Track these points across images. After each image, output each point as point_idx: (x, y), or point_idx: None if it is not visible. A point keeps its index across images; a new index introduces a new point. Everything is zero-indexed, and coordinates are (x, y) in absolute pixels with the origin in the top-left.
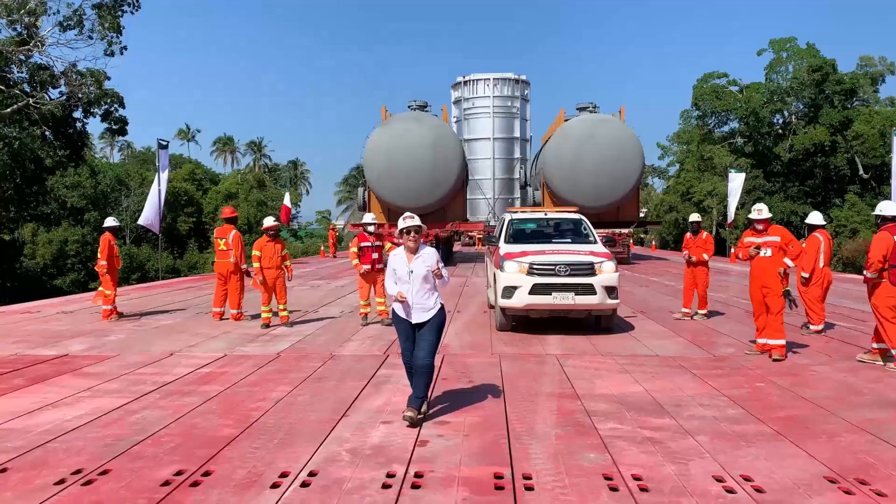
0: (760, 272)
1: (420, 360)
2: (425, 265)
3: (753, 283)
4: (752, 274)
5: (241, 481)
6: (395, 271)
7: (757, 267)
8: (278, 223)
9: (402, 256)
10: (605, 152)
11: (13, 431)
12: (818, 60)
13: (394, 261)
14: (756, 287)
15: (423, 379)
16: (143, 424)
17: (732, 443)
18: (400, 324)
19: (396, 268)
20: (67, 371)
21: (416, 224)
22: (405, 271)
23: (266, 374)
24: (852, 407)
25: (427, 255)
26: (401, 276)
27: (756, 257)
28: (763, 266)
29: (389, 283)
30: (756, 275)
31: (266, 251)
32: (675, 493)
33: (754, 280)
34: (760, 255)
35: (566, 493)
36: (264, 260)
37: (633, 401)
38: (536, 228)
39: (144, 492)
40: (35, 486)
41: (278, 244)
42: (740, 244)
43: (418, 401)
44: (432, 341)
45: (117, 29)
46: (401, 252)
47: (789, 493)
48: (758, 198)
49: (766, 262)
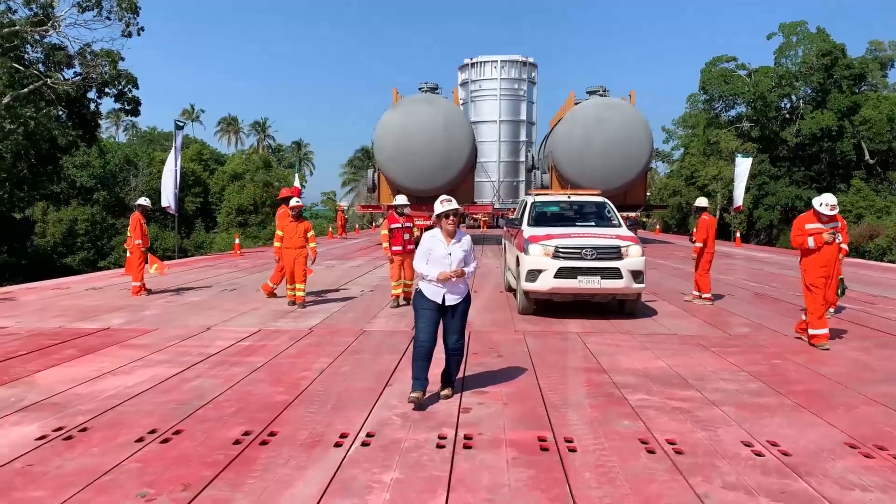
0: (829, 260)
1: (455, 343)
2: (462, 249)
3: (818, 271)
4: (817, 262)
5: (305, 441)
6: (430, 252)
7: (825, 255)
8: (302, 204)
9: (439, 238)
10: (615, 136)
11: (82, 396)
12: (828, 45)
13: (430, 241)
14: (820, 275)
15: (457, 359)
16: (200, 391)
17: (756, 413)
18: (425, 306)
19: (433, 248)
20: (113, 343)
21: (455, 207)
22: (443, 253)
23: (304, 348)
24: (867, 382)
25: (465, 240)
26: (437, 257)
27: (830, 244)
28: (832, 253)
29: (421, 264)
30: (823, 262)
31: (288, 230)
32: (708, 455)
33: (820, 268)
34: (836, 242)
35: (607, 455)
36: (286, 239)
37: (657, 375)
38: (559, 211)
39: (219, 449)
40: (118, 443)
41: (301, 224)
42: (802, 230)
43: (452, 379)
44: (464, 324)
45: (134, 10)
46: (437, 234)
47: (814, 457)
48: (762, 183)
49: (833, 250)
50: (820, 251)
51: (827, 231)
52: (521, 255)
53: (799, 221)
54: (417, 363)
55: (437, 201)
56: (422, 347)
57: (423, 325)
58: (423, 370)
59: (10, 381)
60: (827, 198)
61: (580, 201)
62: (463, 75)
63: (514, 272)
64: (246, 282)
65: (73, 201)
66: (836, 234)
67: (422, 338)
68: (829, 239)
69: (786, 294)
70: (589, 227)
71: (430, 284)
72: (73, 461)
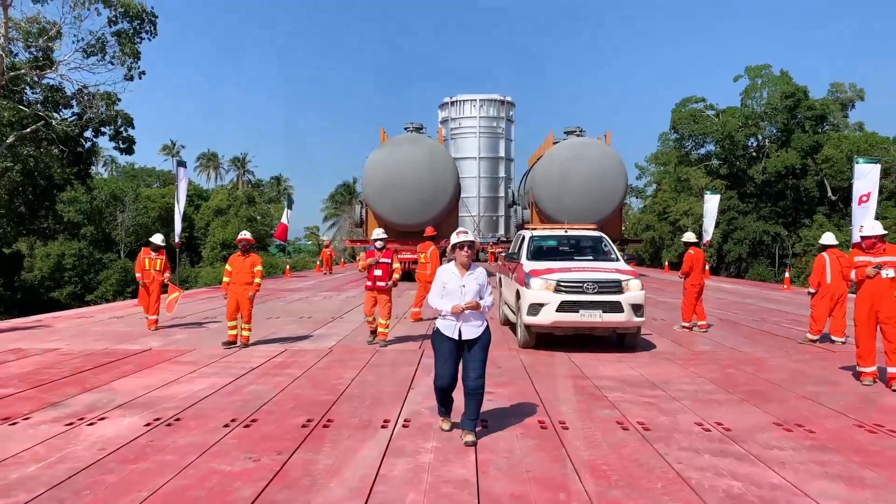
0: (877, 295)
1: (474, 381)
2: (477, 282)
3: (864, 306)
4: (864, 295)
5: (357, 425)
6: (444, 286)
7: (871, 289)
8: (251, 237)
9: (453, 271)
10: (591, 174)
11: (162, 398)
12: (791, 87)
13: (444, 275)
14: (867, 310)
15: (477, 400)
16: (257, 394)
17: (708, 405)
18: (442, 343)
19: (447, 282)
20: (163, 360)
21: (470, 240)
22: (457, 286)
23: (329, 363)
24: (800, 385)
25: (479, 272)
26: (451, 290)
27: (873, 278)
28: (881, 288)
29: (436, 298)
30: (868, 297)
31: (236, 265)
32: (668, 430)
33: (866, 302)
34: (882, 276)
35: (592, 431)
36: (233, 275)
37: (631, 380)
38: (557, 245)
39: (292, 430)
40: (210, 428)
41: (248, 258)
42: (850, 262)
43: (473, 423)
44: (483, 360)
45: (136, 55)
46: (451, 267)
47: (748, 431)
48: (731, 218)
49: (884, 285)
50: (865, 286)
51: (872, 265)
52: (522, 288)
53: (851, 254)
54: (440, 399)
55: (454, 233)
56: (440, 387)
57: (441, 362)
58: (446, 404)
59: (93, 388)
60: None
61: (577, 235)
62: (443, 113)
63: (512, 306)
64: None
65: (59, 236)
66: (880, 267)
67: (440, 376)
68: (871, 273)
69: (745, 319)
70: (588, 260)
71: (445, 320)
72: (183, 439)
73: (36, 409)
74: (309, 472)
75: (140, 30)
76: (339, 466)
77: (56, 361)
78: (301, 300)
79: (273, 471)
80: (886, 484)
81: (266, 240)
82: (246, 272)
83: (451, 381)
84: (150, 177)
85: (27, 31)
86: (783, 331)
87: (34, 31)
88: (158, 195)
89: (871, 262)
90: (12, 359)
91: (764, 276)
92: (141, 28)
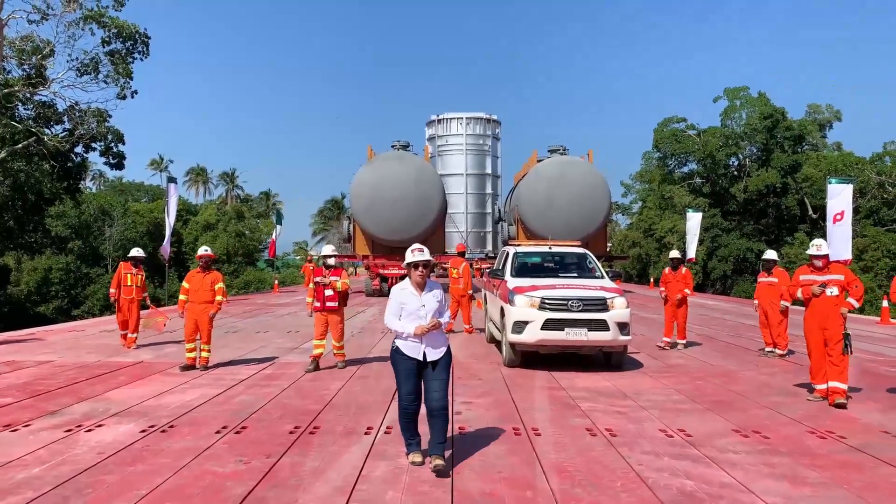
0: (823, 313)
1: (438, 402)
2: (436, 300)
3: (812, 324)
4: (812, 314)
5: (342, 432)
6: (402, 307)
7: (818, 307)
8: (212, 253)
9: (410, 290)
10: (575, 192)
11: (155, 407)
12: (769, 108)
13: (400, 295)
14: (815, 328)
15: (442, 422)
16: (247, 403)
17: (674, 413)
18: (403, 364)
19: (405, 303)
20: (154, 372)
21: (426, 258)
22: (416, 305)
23: (317, 375)
24: (762, 395)
25: (436, 290)
26: (410, 310)
27: (818, 296)
28: (827, 306)
29: (393, 320)
30: (816, 315)
31: (194, 283)
32: (634, 436)
33: (814, 320)
34: (827, 294)
35: (562, 437)
36: (192, 293)
37: (604, 391)
38: (541, 262)
39: (280, 436)
40: (203, 434)
41: (209, 275)
42: (795, 281)
43: (442, 447)
44: (446, 380)
45: (129, 74)
46: (407, 286)
47: (707, 437)
48: (715, 236)
49: (830, 302)
50: (811, 304)
51: (817, 283)
52: (507, 306)
53: (797, 272)
54: (405, 426)
55: (409, 251)
56: (406, 410)
57: (405, 384)
58: (413, 431)
59: (88, 398)
60: (815, 241)
61: (562, 252)
62: (430, 130)
63: (497, 323)
64: (243, 325)
65: (46, 250)
66: (825, 286)
67: (405, 399)
68: (816, 292)
69: (721, 334)
70: (572, 277)
71: (406, 341)
72: (177, 443)
73: (35, 417)
74: (296, 473)
75: (133, 50)
76: (325, 468)
77: (51, 373)
78: (289, 315)
79: (262, 472)
80: (826, 483)
81: (255, 255)
82: (206, 290)
83: (417, 403)
84: (138, 191)
85: (21, 49)
86: (756, 345)
87: (28, 48)
88: (147, 210)
89: (816, 280)
90: (7, 370)
91: (749, 292)
92: (134, 48)
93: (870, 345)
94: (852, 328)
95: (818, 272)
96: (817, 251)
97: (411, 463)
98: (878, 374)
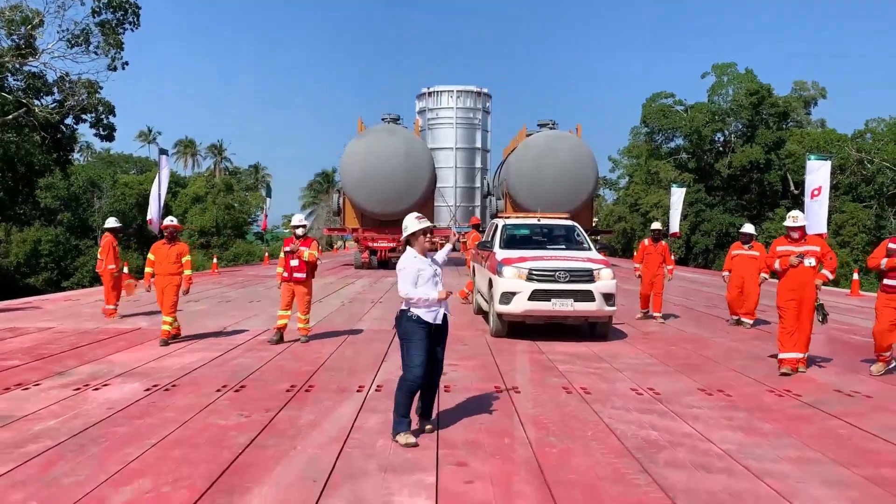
0: (800, 283)
1: (440, 372)
2: (440, 264)
3: (787, 294)
4: (787, 284)
5: (335, 390)
6: (419, 273)
7: (795, 277)
8: (178, 223)
9: (421, 258)
10: (563, 166)
11: (157, 369)
12: (755, 85)
13: (416, 263)
14: (790, 298)
15: (434, 392)
16: (244, 366)
17: (645, 375)
18: (420, 332)
19: (423, 269)
20: (153, 338)
21: (432, 224)
22: (431, 272)
23: (310, 341)
24: (731, 359)
25: (438, 254)
26: (427, 277)
27: (796, 267)
28: (804, 277)
29: (413, 288)
30: (792, 285)
31: (160, 255)
32: (606, 394)
33: (789, 291)
34: (805, 265)
35: (540, 395)
36: (157, 265)
37: (581, 354)
38: (530, 234)
39: (277, 394)
40: (204, 392)
41: (174, 247)
42: (773, 252)
43: (430, 413)
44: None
45: (119, 45)
46: (416, 254)
47: (674, 395)
48: (699, 210)
49: (807, 273)
50: (788, 274)
51: (794, 254)
52: (495, 277)
53: (774, 244)
54: (406, 399)
55: (412, 218)
56: (415, 382)
57: (418, 354)
58: (409, 408)
59: (92, 361)
60: (792, 212)
61: (550, 224)
62: (420, 104)
63: (485, 295)
64: (236, 295)
65: (35, 222)
66: (803, 257)
67: (418, 370)
68: (794, 262)
69: (699, 305)
70: (560, 249)
71: (424, 308)
72: (181, 400)
73: (44, 378)
74: (294, 424)
75: (123, 20)
76: (320, 421)
77: (53, 338)
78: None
79: (263, 424)
80: (777, 433)
81: (244, 228)
82: (172, 262)
83: (426, 377)
84: (126, 163)
85: (10, 20)
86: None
87: (17, 18)
88: (136, 182)
89: (794, 251)
90: (10, 336)
91: None
92: (124, 19)
93: (840, 314)
94: (825, 300)
95: (795, 243)
96: (794, 222)
97: (404, 445)
98: (844, 341)
